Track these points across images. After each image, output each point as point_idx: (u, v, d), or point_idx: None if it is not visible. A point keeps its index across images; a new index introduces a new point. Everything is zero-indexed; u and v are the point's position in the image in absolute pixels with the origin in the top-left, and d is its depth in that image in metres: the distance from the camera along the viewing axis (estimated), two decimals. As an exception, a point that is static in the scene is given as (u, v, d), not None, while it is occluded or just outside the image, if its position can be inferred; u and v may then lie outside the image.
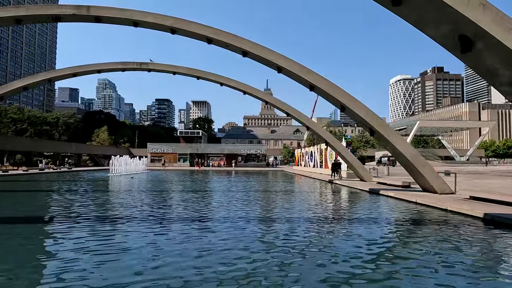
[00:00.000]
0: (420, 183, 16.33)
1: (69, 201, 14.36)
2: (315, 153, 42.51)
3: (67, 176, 33.43)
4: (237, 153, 70.24)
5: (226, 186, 23.25)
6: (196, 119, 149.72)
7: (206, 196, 17.60)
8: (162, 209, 12.39)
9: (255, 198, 16.42)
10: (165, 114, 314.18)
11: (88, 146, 75.08)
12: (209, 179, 31.34)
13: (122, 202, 14.25)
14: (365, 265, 5.72)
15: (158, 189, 21.36)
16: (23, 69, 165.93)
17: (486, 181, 22.53)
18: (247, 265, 5.66)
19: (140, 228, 8.81)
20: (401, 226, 9.57)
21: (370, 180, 23.44)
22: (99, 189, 21.08)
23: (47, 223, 9.67)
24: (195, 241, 7.38)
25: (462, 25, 7.08)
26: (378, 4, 7.79)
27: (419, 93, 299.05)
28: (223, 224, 9.54)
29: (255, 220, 10.26)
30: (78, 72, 24.53)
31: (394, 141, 15.51)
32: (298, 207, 13.52)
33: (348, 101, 15.93)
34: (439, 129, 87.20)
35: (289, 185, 24.88)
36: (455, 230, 8.73)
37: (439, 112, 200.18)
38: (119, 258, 6.09)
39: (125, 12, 15.50)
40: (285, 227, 9.12)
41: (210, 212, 11.71)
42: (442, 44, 7.96)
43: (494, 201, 12.01)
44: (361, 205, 14.19)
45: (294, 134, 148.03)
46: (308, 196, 18.15)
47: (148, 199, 15.26)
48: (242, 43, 15.82)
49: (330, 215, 11.69)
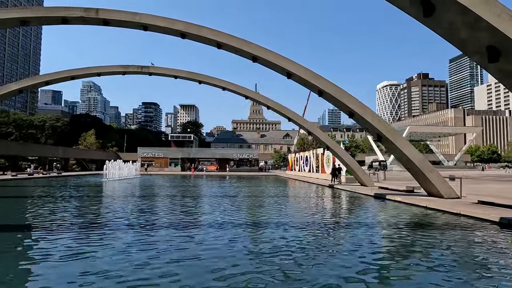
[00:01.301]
0: (426, 188, 16.72)
1: (96, 209, 14.10)
2: (311, 158, 42.88)
3: (61, 182, 32.67)
4: (229, 158, 70.13)
5: (235, 192, 22.97)
6: (186, 123, 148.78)
7: (229, 202, 17.04)
8: (195, 215, 12.34)
9: (278, 204, 16.27)
10: (152, 118, 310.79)
11: (76, 150, 73.58)
12: (212, 184, 31.15)
13: (143, 208, 14.09)
14: (419, 269, 5.88)
15: (171, 194, 21.15)
16: (5, 70, 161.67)
17: (486, 185, 23.23)
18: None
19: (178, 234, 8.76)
20: (422, 230, 9.78)
21: (371, 185, 23.83)
22: (110, 195, 20.72)
23: (89, 230, 9.49)
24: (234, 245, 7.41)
25: (491, 36, 7.40)
26: (408, 14, 8.05)
27: (405, 98, 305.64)
28: (265, 230, 9.59)
29: (295, 226, 10.28)
30: (76, 75, 24.16)
31: (402, 147, 15.86)
32: (315, 214, 13.59)
33: (356, 107, 16.23)
34: (428, 134, 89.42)
35: (293, 191, 24.88)
36: (478, 234, 9.02)
37: (426, 118, 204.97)
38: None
39: (136, 15, 15.44)
40: (309, 232, 9.25)
41: (249, 217, 11.70)
42: (467, 52, 8.28)
43: (503, 206, 12.44)
44: (373, 210, 14.35)
45: (284, 138, 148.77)
46: (316, 202, 18.18)
47: (172, 205, 15.14)
48: (252, 48, 15.96)
49: (348, 221, 11.84)
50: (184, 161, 69.31)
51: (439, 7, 7.45)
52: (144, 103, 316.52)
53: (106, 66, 24.16)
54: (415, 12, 7.82)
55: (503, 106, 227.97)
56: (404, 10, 7.91)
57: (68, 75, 24.00)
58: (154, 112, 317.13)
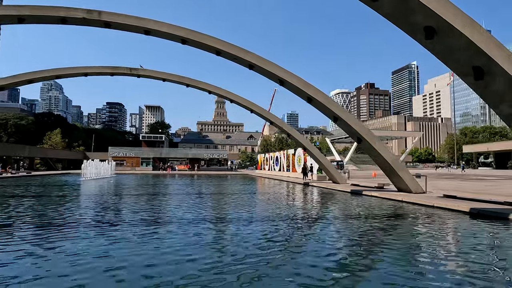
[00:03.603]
0: (397, 184, 18.09)
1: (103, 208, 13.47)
2: (281, 158, 43.93)
3: (37, 181, 30.38)
4: (200, 158, 69.34)
5: (220, 189, 23.17)
6: (154, 124, 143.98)
7: (216, 199, 17.49)
8: (209, 211, 12.32)
9: (268, 201, 16.72)
10: (117, 118, 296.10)
11: (42, 149, 68.35)
12: (193, 183, 30.79)
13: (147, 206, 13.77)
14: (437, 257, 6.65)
15: (162, 192, 20.66)
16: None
17: (435, 182, 25.51)
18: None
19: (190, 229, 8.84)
20: (410, 220, 10.78)
21: (344, 182, 25.14)
22: (108, 193, 19.77)
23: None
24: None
25: (477, 58, 8.49)
26: (411, 37, 8.95)
27: (355, 105, 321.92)
28: (260, 224, 9.93)
29: (302, 221, 10.75)
30: (62, 74, 22.77)
31: (379, 148, 17.07)
32: (311, 209, 14.24)
33: (340, 112, 17.20)
34: (378, 138, 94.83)
35: (271, 188, 25.33)
36: (455, 221, 10.18)
37: (373, 123, 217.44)
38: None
39: (140, 20, 15.08)
40: (315, 225, 9.83)
41: (260, 211, 11.94)
42: (456, 71, 9.37)
43: (465, 199, 13.97)
44: (359, 205, 15.06)
45: (248, 140, 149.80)
46: (303, 199, 18.81)
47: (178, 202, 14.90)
48: (250, 56, 16.27)
49: (343, 214, 12.61)
50: (155, 160, 67.31)
51: (439, 33, 8.41)
52: (108, 103, 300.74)
53: (94, 67, 23.02)
54: (420, 37, 8.73)
55: (436, 114, 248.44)
56: (411, 35, 8.82)
57: (53, 74, 22.56)
58: (119, 113, 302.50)
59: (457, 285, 4.76)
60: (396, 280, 4.90)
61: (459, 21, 8.07)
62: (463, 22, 8.10)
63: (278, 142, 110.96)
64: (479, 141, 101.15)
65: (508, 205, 12.01)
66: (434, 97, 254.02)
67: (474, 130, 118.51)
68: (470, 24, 8.15)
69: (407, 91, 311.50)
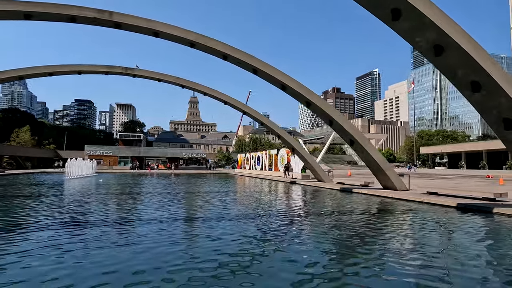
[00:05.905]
0: (383, 182, 19.30)
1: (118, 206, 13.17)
2: (263, 157, 44.63)
3: (20, 180, 28.56)
4: (179, 157, 68.25)
5: (220, 189, 23.16)
6: (128, 123, 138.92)
7: (219, 196, 17.59)
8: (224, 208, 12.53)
9: (269, 199, 17.19)
10: (86, 116, 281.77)
11: (11, 147, 63.85)
12: (179, 182, 30.47)
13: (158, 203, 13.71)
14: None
15: (167, 191, 20.41)
16: None
17: (412, 180, 27.37)
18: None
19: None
20: (407, 215, 11.79)
21: (329, 181, 26.21)
22: (110, 193, 19.13)
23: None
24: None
25: (476, 73, 9.61)
26: (422, 54, 9.89)
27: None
28: (260, 219, 10.45)
29: (304, 218, 11.35)
30: (55, 71, 21.71)
31: (369, 150, 18.18)
32: (310, 207, 14.92)
33: (336, 117, 18.10)
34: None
35: (259, 187, 25.16)
36: (446, 215, 11.32)
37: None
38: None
39: (150, 22, 14.96)
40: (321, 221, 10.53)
41: (255, 208, 12.34)
42: (454, 83, 10.47)
43: (446, 195, 15.38)
44: (352, 202, 15.94)
45: (223, 140, 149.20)
46: (298, 197, 19.50)
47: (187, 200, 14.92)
48: (254, 62, 16.68)
49: (342, 210, 13.43)
50: (133, 159, 65.29)
51: (447, 50, 9.41)
52: (77, 100, 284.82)
53: (88, 65, 22.17)
54: (428, 53, 9.70)
55: (395, 117, 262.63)
56: (420, 51, 9.76)
57: (46, 71, 21.43)
58: (88, 110, 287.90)
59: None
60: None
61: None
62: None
63: (252, 142, 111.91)
64: (434, 143, 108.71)
65: (486, 200, 13.49)
66: (394, 102, 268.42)
67: (430, 134, 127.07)
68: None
69: (370, 96, 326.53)
